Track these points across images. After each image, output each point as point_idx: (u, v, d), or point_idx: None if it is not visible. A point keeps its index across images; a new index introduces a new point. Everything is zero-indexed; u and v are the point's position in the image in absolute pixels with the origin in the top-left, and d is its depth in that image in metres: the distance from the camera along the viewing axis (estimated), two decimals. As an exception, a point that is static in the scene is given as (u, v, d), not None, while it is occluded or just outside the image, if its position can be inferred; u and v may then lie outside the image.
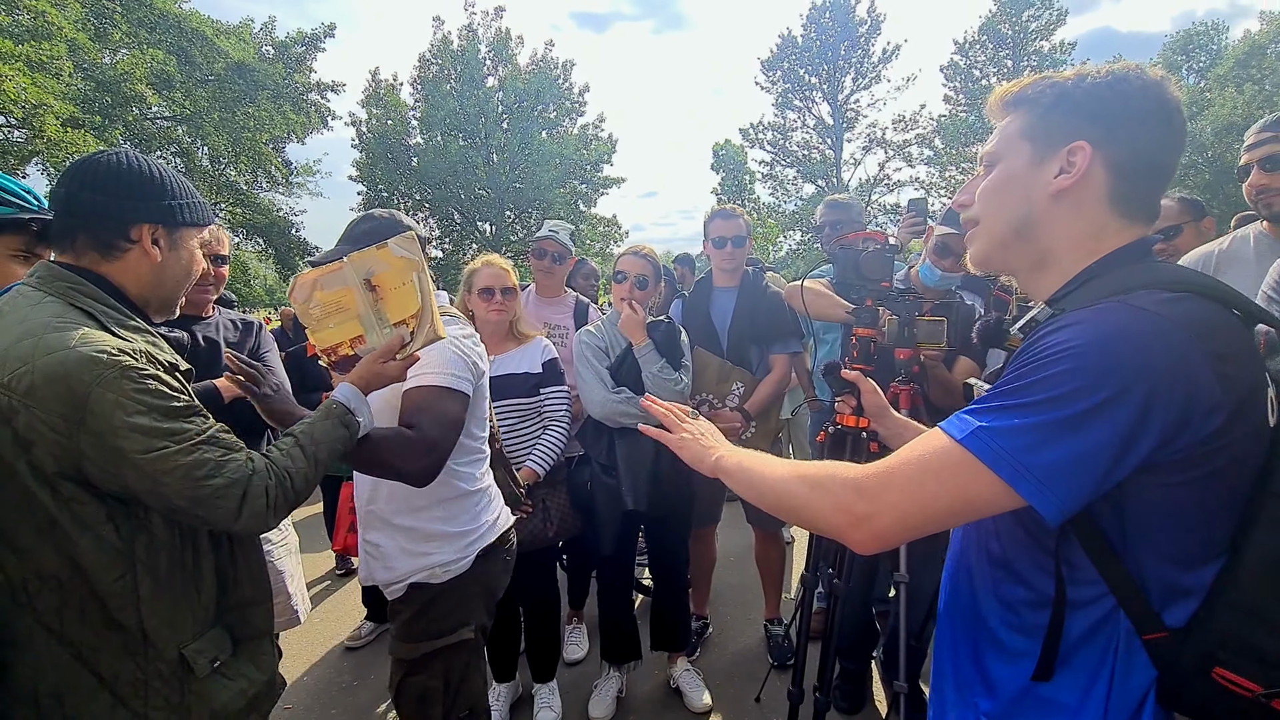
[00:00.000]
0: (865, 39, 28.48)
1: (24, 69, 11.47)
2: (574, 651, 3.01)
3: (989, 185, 0.92)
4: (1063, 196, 0.85)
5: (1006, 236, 0.90)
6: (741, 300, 2.85)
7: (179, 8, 16.73)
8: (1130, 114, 0.83)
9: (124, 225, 1.15)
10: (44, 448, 1.01)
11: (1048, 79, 0.88)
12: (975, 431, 0.75)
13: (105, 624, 1.09)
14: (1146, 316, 0.72)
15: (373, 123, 24.40)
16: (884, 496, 0.79)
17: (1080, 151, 0.83)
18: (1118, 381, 0.69)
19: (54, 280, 1.12)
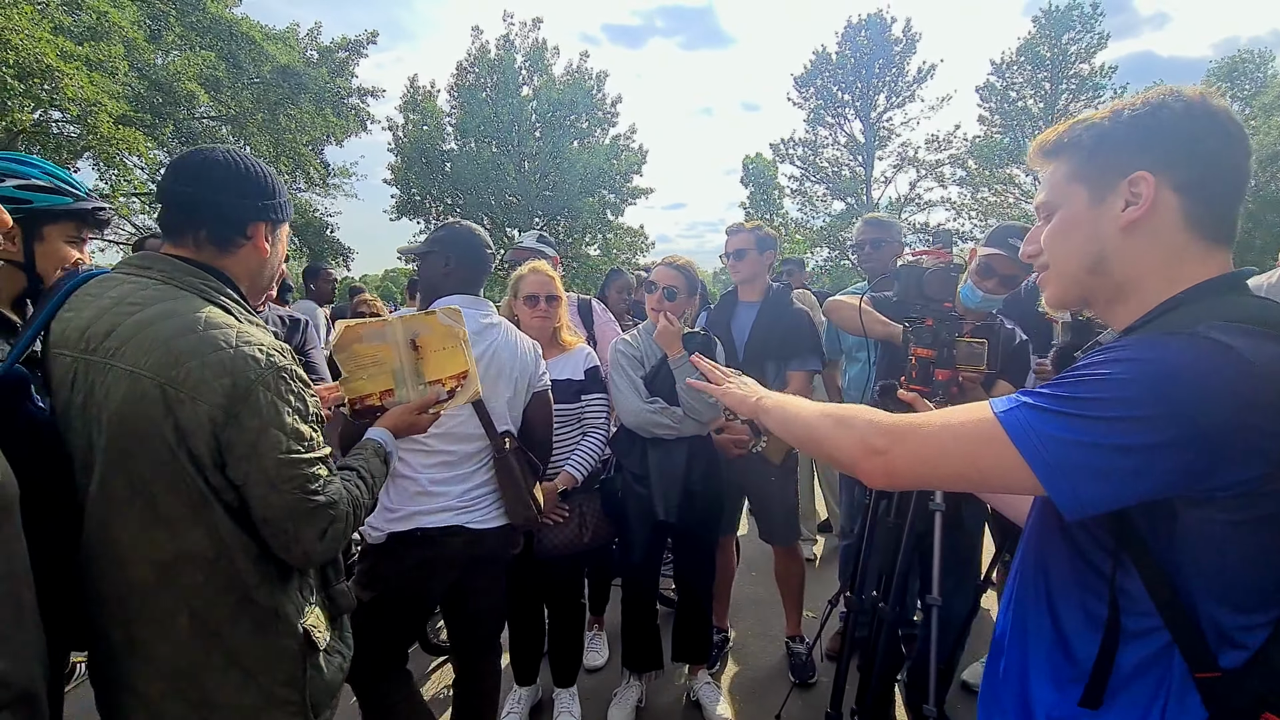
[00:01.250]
0: (900, 58, 28.37)
1: (83, 68, 11.93)
2: (594, 658, 3.02)
3: (1053, 230, 0.91)
4: (1135, 228, 0.83)
5: (1079, 275, 0.89)
6: (762, 315, 2.85)
7: (230, 12, 17.27)
8: (1181, 134, 0.81)
9: (243, 224, 1.23)
10: (200, 437, 1.07)
11: (1081, 122, 0.88)
12: (1015, 409, 0.77)
13: (242, 602, 1.14)
14: (1217, 349, 0.70)
15: (409, 128, 24.89)
16: (905, 439, 0.83)
17: (1143, 181, 0.81)
18: (1169, 405, 0.68)
19: (183, 275, 1.17)
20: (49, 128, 14.25)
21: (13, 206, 1.36)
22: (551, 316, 2.50)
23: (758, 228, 2.93)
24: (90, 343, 1.10)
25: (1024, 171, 26.80)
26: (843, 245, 29.72)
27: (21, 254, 1.44)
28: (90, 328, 1.11)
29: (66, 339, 1.12)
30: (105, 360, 1.08)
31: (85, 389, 1.09)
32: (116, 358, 1.08)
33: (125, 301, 1.12)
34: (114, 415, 1.07)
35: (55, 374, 1.13)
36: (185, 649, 1.11)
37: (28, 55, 10.68)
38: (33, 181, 1.45)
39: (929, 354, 1.89)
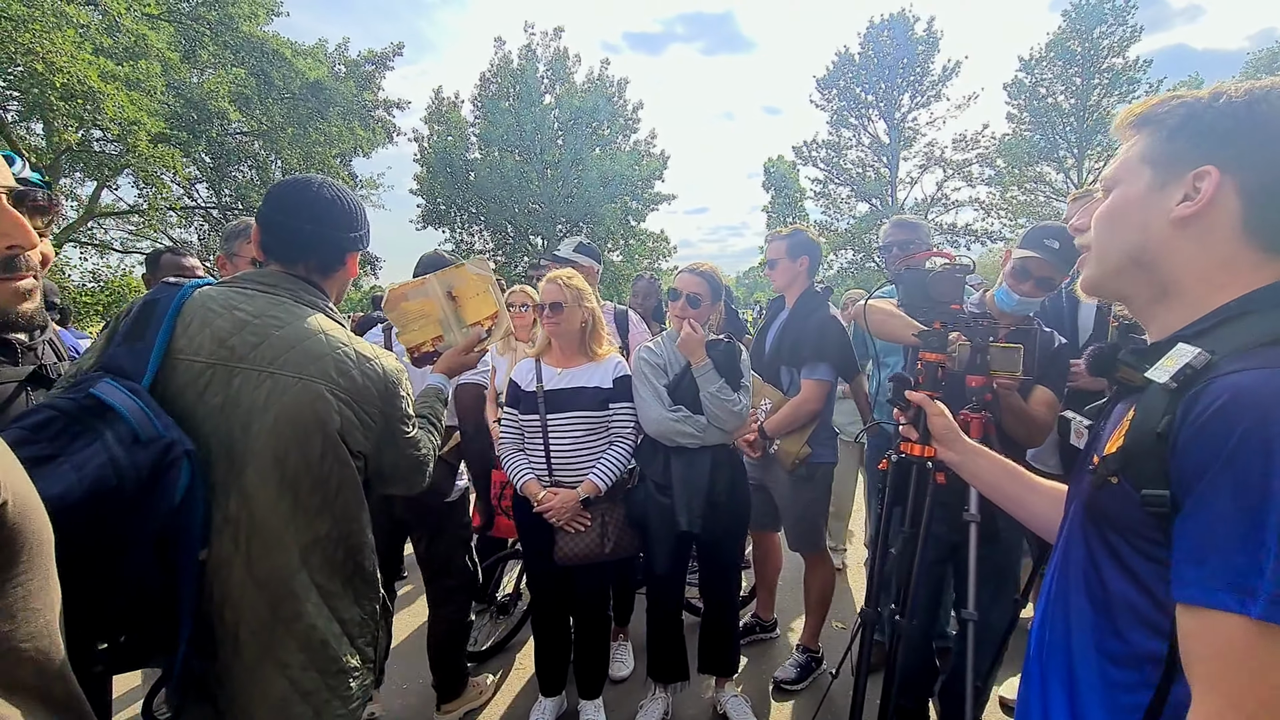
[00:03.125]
0: (924, 57, 27.99)
1: (122, 88, 12.35)
2: (619, 669, 2.98)
3: (1104, 210, 0.87)
4: (1186, 225, 0.78)
5: (1122, 263, 0.84)
6: (789, 320, 2.84)
7: (262, 30, 17.76)
8: (1268, 137, 0.75)
9: (343, 254, 1.43)
10: (356, 431, 1.30)
11: (1179, 97, 0.81)
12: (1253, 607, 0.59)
13: (354, 572, 1.34)
14: None
15: (434, 139, 25.28)
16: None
17: (1207, 177, 0.76)
18: None
19: (306, 294, 1.37)
20: (91, 146, 14.78)
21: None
22: (560, 323, 2.47)
23: (794, 233, 2.87)
24: (236, 351, 1.24)
25: (1055, 169, 26.22)
26: (868, 247, 29.37)
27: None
28: (231, 338, 1.25)
29: (197, 347, 1.24)
30: (262, 369, 1.24)
31: (225, 392, 1.23)
32: (277, 366, 1.24)
33: (266, 315, 1.28)
34: (281, 416, 1.23)
35: (175, 379, 1.23)
36: (316, 622, 1.27)
37: (71, 77, 11.10)
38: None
39: (937, 358, 1.83)
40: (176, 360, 1.23)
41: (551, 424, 2.44)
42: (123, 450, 1.06)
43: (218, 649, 1.23)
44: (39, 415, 1.07)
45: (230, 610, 1.23)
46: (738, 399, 2.44)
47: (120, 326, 1.26)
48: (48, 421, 1.07)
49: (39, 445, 1.03)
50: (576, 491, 2.39)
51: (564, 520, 2.38)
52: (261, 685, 1.24)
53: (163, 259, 2.63)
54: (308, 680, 1.26)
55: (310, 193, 1.37)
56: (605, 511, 2.45)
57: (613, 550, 2.44)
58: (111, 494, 1.04)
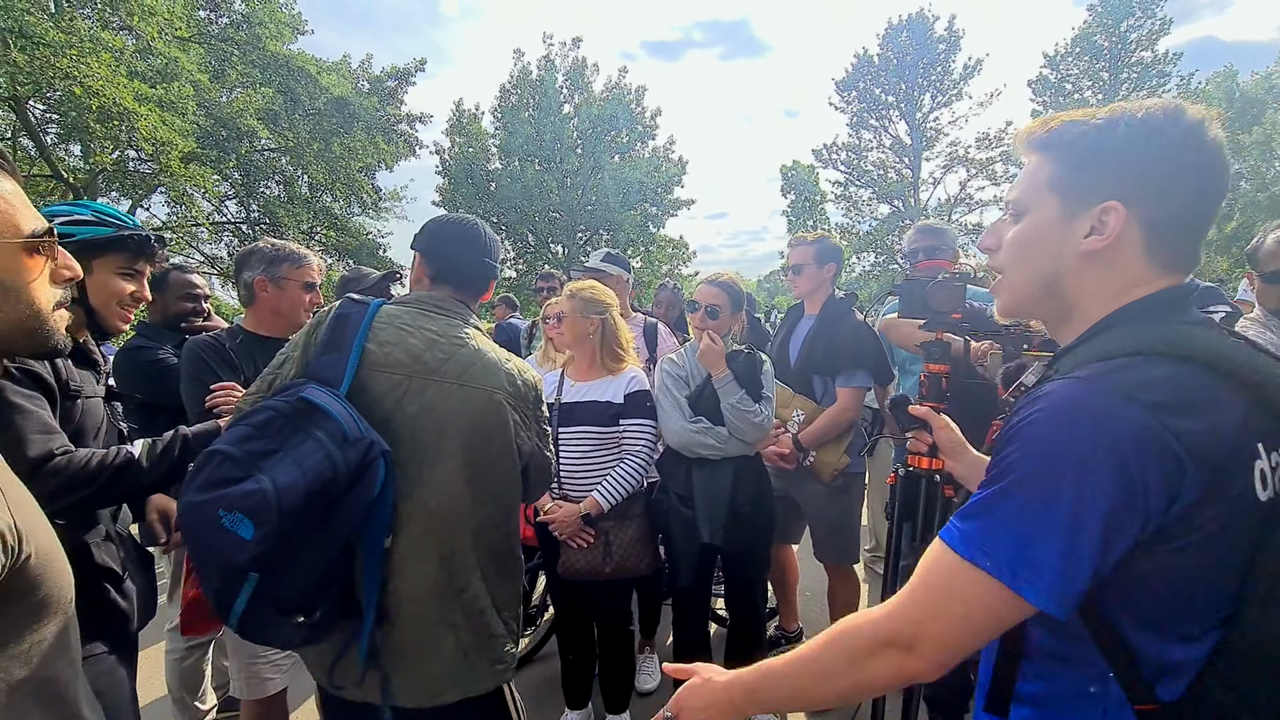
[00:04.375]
0: (944, 56, 27.67)
1: (155, 109, 12.73)
2: (646, 682, 2.96)
3: (1016, 238, 0.89)
4: (1094, 257, 0.83)
5: (1034, 291, 0.89)
6: (817, 327, 2.80)
7: (287, 49, 18.17)
8: (1167, 170, 0.79)
9: (489, 281, 1.65)
10: (522, 432, 1.53)
11: (1081, 123, 0.83)
12: (959, 540, 0.74)
13: (506, 553, 1.54)
14: (1096, 392, 0.71)
15: (455, 150, 25.59)
16: (921, 641, 0.75)
17: (1113, 212, 0.80)
18: (1078, 463, 0.68)
19: (468, 317, 1.57)
20: (126, 166, 15.24)
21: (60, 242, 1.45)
22: (562, 333, 2.50)
23: (820, 239, 2.85)
24: (429, 366, 1.43)
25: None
26: (890, 250, 29.06)
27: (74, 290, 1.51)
28: (424, 354, 1.43)
29: (392, 361, 1.41)
30: (453, 381, 1.44)
31: (420, 401, 1.41)
32: (465, 379, 1.45)
33: (450, 335, 1.49)
34: (472, 421, 1.43)
35: (374, 388, 1.39)
36: (479, 594, 1.46)
37: (107, 100, 11.47)
38: (76, 218, 1.51)
39: (941, 369, 1.82)
40: (374, 371, 1.40)
41: (561, 437, 2.44)
42: (336, 448, 1.22)
43: (394, 620, 1.40)
44: (261, 415, 1.24)
45: (416, 583, 1.41)
46: (759, 410, 2.42)
47: (319, 338, 1.42)
48: (269, 420, 1.24)
49: (264, 440, 1.21)
50: (579, 507, 2.37)
51: (566, 534, 2.37)
52: (435, 643, 1.43)
53: (170, 278, 2.62)
54: (467, 639, 1.45)
55: (476, 230, 1.61)
56: (611, 530, 2.40)
57: (614, 571, 2.39)
58: (328, 485, 1.20)
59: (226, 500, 1.15)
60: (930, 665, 0.75)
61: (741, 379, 2.45)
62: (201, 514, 1.16)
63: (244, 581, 1.16)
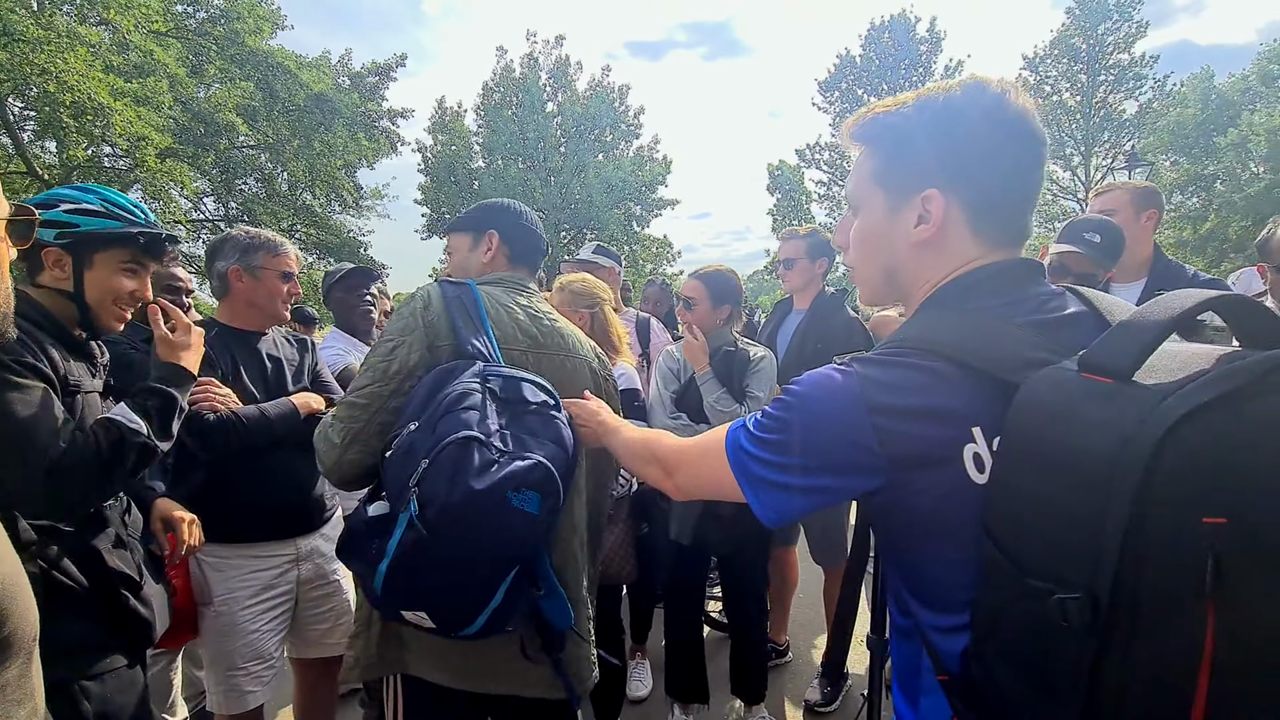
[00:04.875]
0: (926, 57, 27.94)
1: (131, 104, 12.44)
2: (637, 689, 2.92)
3: (856, 234, 0.93)
4: (924, 245, 0.85)
5: (879, 282, 0.93)
6: (808, 322, 2.79)
7: (266, 44, 17.86)
8: (974, 150, 0.81)
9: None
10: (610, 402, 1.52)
11: (890, 113, 0.86)
12: (734, 431, 0.89)
13: (598, 530, 1.61)
14: (842, 374, 0.79)
15: (438, 148, 25.37)
16: (680, 471, 1.03)
17: (933, 200, 0.82)
18: (804, 419, 0.80)
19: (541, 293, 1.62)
20: (101, 162, 14.89)
21: (59, 231, 1.37)
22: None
23: (812, 233, 2.85)
24: (537, 340, 1.46)
25: (1061, 166, 26.05)
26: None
27: (71, 282, 1.40)
28: (531, 328, 1.46)
29: (510, 336, 1.42)
30: (558, 352, 1.48)
31: (535, 371, 1.39)
32: (567, 350, 1.50)
33: (541, 310, 1.52)
34: (579, 390, 1.45)
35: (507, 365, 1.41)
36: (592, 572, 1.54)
37: (82, 94, 11.18)
38: (83, 206, 1.40)
39: None
40: (500, 349, 1.40)
41: None
42: (559, 414, 1.27)
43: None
44: (474, 397, 1.20)
45: (565, 558, 1.42)
46: (738, 409, 2.38)
47: (441, 318, 1.36)
48: (481, 402, 1.21)
49: (491, 420, 1.19)
50: None
51: None
52: (582, 623, 1.43)
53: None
54: (588, 623, 1.47)
55: (533, 215, 1.65)
56: None
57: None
58: (573, 452, 1.27)
59: (514, 479, 1.11)
60: (676, 492, 1.06)
61: (721, 376, 2.42)
62: (489, 500, 1.09)
63: (515, 566, 1.18)
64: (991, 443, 0.72)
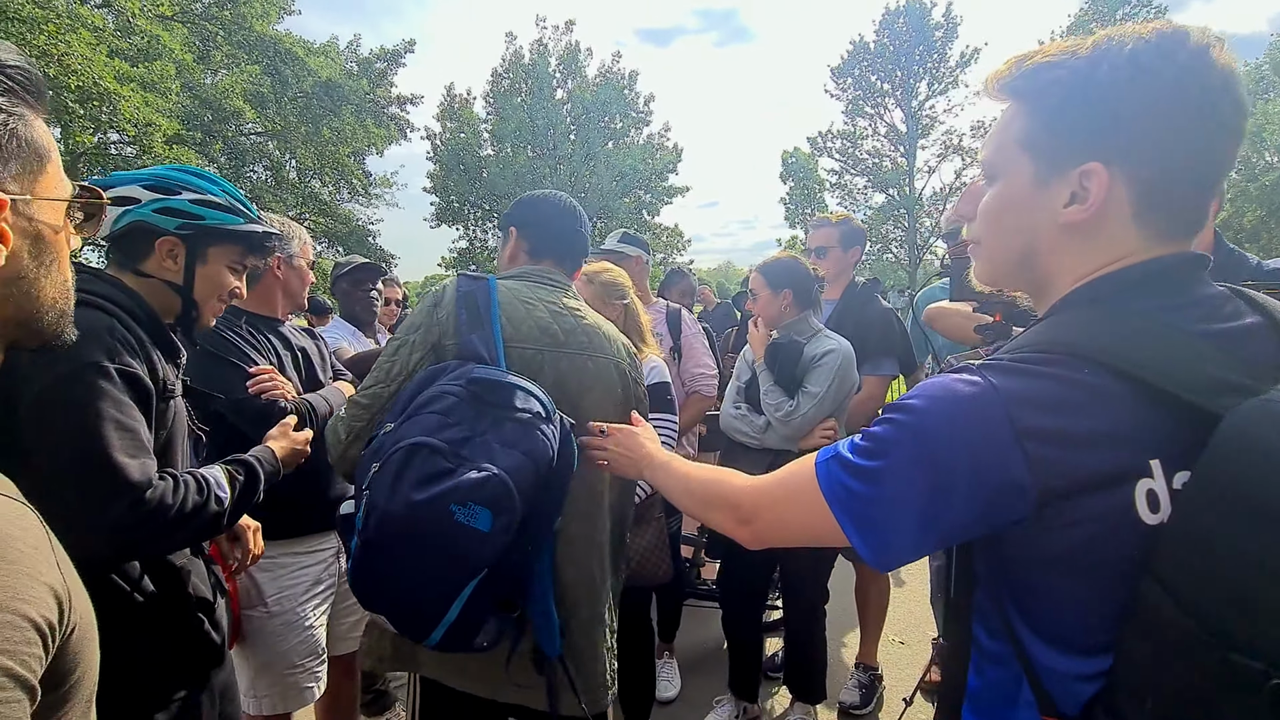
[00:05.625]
0: (942, 43, 27.49)
1: (137, 89, 12.33)
2: (666, 689, 2.81)
3: (989, 206, 0.79)
4: (1074, 230, 0.71)
5: (1010, 265, 0.80)
6: (840, 313, 2.70)
7: (274, 29, 17.71)
8: (1160, 119, 0.66)
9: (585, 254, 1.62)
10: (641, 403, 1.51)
11: (1056, 63, 0.70)
12: (826, 463, 0.76)
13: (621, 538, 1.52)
14: (972, 387, 0.66)
15: (447, 136, 25.20)
16: (759, 517, 0.87)
17: (1094, 176, 0.68)
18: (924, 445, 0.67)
19: (572, 288, 1.52)
20: (108, 149, 14.82)
21: (183, 221, 1.28)
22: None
23: (845, 220, 2.79)
24: (557, 338, 1.38)
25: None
26: (885, 239, 29.01)
27: (181, 276, 1.31)
28: (551, 327, 1.38)
29: (524, 335, 1.35)
30: (582, 351, 1.40)
31: (554, 376, 1.34)
32: (593, 349, 1.41)
33: (568, 307, 1.44)
34: (605, 391, 1.41)
35: (512, 365, 1.31)
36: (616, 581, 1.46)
37: (87, 79, 11.07)
38: (209, 197, 1.32)
39: None
40: (510, 347, 1.33)
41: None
42: (545, 425, 1.16)
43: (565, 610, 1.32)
44: (445, 400, 1.14)
45: (579, 569, 1.35)
46: (785, 403, 2.29)
47: (450, 317, 1.31)
48: (454, 406, 1.14)
49: (457, 427, 1.12)
50: None
51: None
52: (599, 639, 1.37)
53: None
54: (610, 637, 1.40)
55: (570, 203, 1.57)
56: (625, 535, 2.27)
57: (630, 578, 2.21)
58: (549, 467, 1.15)
59: (459, 492, 1.04)
60: (753, 540, 0.89)
61: (773, 369, 2.36)
62: (430, 512, 1.03)
63: (469, 583, 1.08)
64: (1172, 479, 0.62)
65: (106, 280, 1.22)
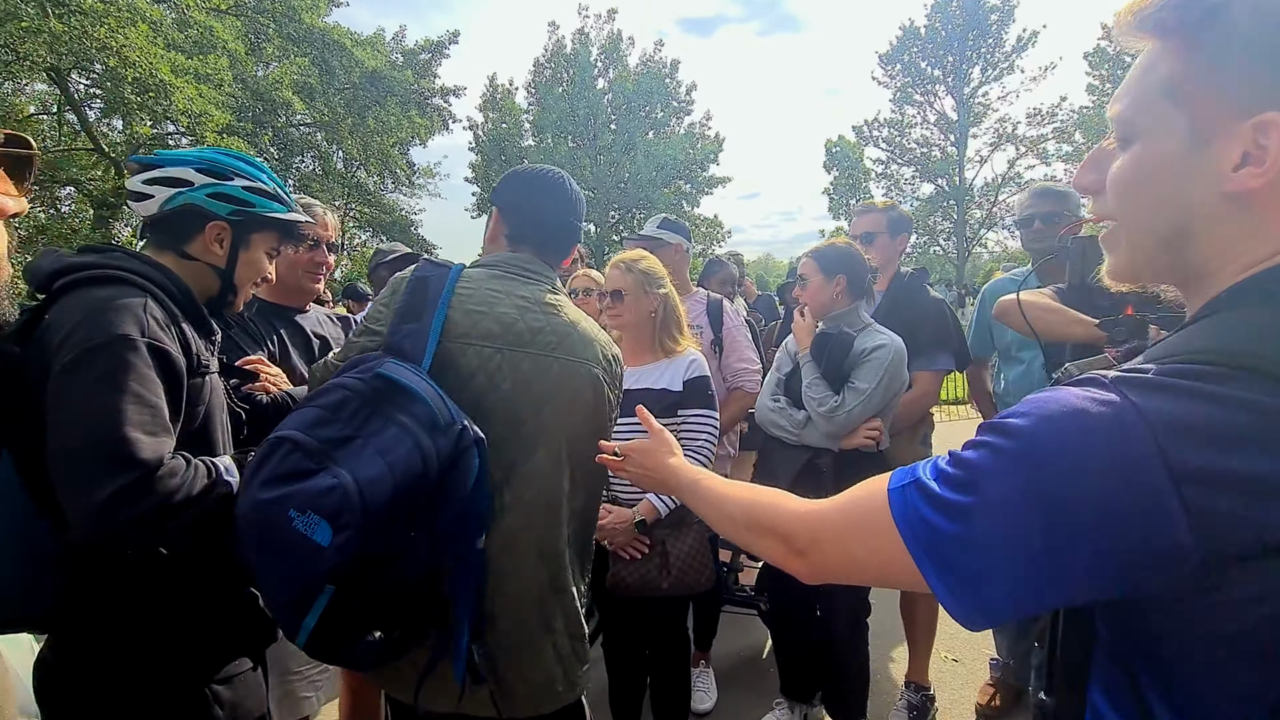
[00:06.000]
0: (997, 27, 26.38)
1: (192, 81, 12.67)
2: (701, 700, 2.68)
3: (1126, 174, 0.62)
4: (1242, 200, 0.55)
5: (1152, 248, 0.63)
6: (887, 304, 2.53)
7: (323, 21, 18.01)
8: None
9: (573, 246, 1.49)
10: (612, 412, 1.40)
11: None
12: (903, 489, 0.62)
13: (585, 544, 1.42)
14: (1105, 406, 0.51)
15: (488, 126, 25.37)
16: (818, 548, 0.73)
17: (1273, 130, 0.52)
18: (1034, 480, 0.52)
19: (557, 282, 1.40)
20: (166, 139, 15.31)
21: (235, 208, 1.28)
22: (621, 314, 2.17)
23: (892, 207, 2.64)
24: (521, 337, 1.26)
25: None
26: (932, 230, 28.16)
27: (225, 259, 1.31)
28: (516, 324, 1.27)
29: (483, 332, 1.24)
30: (549, 353, 1.28)
31: (514, 378, 1.25)
32: (562, 351, 1.29)
33: (541, 303, 1.32)
34: (571, 398, 1.29)
35: (465, 364, 1.23)
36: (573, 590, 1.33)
37: (144, 71, 11.42)
38: (260, 185, 1.33)
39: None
40: (463, 344, 1.24)
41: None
42: (426, 436, 1.04)
43: (490, 628, 1.23)
44: (334, 395, 1.06)
45: (515, 584, 1.25)
46: (830, 398, 2.13)
47: (396, 304, 1.24)
48: (344, 401, 1.06)
49: (338, 425, 1.03)
50: (631, 512, 2.06)
51: (617, 543, 2.08)
52: (536, 653, 1.28)
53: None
54: (563, 644, 1.30)
55: (561, 183, 1.42)
56: (668, 538, 2.10)
57: (672, 586, 2.09)
58: (417, 481, 1.02)
59: (300, 498, 0.96)
60: (810, 575, 0.75)
61: (819, 361, 2.20)
62: (270, 515, 0.98)
63: (318, 596, 0.98)
64: None
65: (141, 259, 1.21)
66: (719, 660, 2.87)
